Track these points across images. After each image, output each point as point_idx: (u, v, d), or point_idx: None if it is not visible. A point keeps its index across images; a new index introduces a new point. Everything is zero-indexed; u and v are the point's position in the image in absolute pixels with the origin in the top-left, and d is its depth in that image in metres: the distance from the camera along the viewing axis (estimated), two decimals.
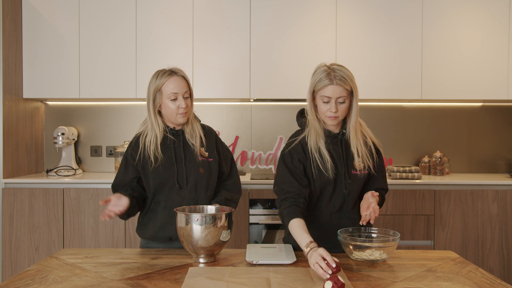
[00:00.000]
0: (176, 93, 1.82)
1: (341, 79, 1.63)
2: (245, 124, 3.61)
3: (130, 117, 3.60)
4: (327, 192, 1.74)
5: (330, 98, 1.65)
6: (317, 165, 1.71)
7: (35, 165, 3.48)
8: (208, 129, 2.00)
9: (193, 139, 1.89)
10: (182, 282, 1.37)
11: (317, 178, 1.72)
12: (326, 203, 1.76)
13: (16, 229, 3.03)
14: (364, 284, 1.36)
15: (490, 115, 3.66)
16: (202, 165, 1.88)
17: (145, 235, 1.89)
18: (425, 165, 3.51)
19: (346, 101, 1.67)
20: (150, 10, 3.26)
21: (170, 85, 1.82)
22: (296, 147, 1.75)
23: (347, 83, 1.64)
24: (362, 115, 3.60)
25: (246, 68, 3.27)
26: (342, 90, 1.64)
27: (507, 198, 3.08)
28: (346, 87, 1.65)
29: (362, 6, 3.29)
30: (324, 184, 1.72)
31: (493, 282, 1.38)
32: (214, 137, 1.98)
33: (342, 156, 1.73)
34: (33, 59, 3.27)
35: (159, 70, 1.87)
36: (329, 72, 1.65)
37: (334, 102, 1.65)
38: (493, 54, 3.31)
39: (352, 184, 1.73)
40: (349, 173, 1.73)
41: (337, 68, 1.66)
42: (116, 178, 1.92)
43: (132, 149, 1.90)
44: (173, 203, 1.85)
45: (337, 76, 1.64)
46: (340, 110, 1.67)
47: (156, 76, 1.85)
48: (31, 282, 1.37)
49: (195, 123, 1.94)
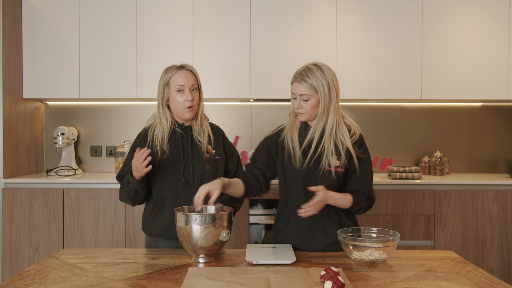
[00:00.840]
0: (183, 85, 1.85)
1: (306, 79, 1.70)
2: (245, 124, 3.62)
3: (130, 117, 3.60)
4: (298, 183, 1.78)
5: (295, 94, 1.75)
6: (288, 155, 1.79)
7: (35, 165, 3.48)
8: (216, 128, 2.02)
9: (201, 137, 1.90)
10: (182, 282, 1.37)
11: (286, 167, 1.80)
12: (298, 196, 1.77)
13: (16, 229, 3.03)
14: (364, 284, 1.36)
15: (490, 115, 3.66)
16: (209, 162, 1.89)
17: (153, 232, 1.89)
18: (425, 165, 3.51)
19: (311, 99, 1.72)
20: (150, 10, 3.26)
21: (177, 77, 1.86)
22: (273, 135, 1.87)
23: (312, 84, 1.70)
24: (362, 115, 3.61)
25: (246, 68, 3.27)
26: (304, 88, 1.71)
27: (507, 198, 3.08)
28: (308, 86, 1.70)
29: (362, 6, 3.29)
30: (293, 174, 1.78)
31: (493, 282, 1.38)
32: (222, 136, 2.00)
33: (314, 151, 1.76)
34: (33, 59, 3.27)
35: (169, 66, 1.91)
36: (302, 70, 1.74)
37: (298, 99, 1.74)
38: (493, 54, 3.31)
39: (323, 179, 1.74)
40: (320, 168, 1.75)
41: (313, 67, 1.72)
42: (122, 169, 1.91)
43: (140, 141, 1.91)
44: (181, 199, 1.85)
45: (304, 76, 1.71)
46: (305, 107, 1.73)
47: (166, 71, 1.90)
48: (31, 282, 1.37)
49: (204, 121, 1.95)
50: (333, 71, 1.76)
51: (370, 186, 1.81)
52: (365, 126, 3.61)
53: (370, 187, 1.81)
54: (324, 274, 1.35)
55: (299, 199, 1.76)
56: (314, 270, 1.48)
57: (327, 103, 1.73)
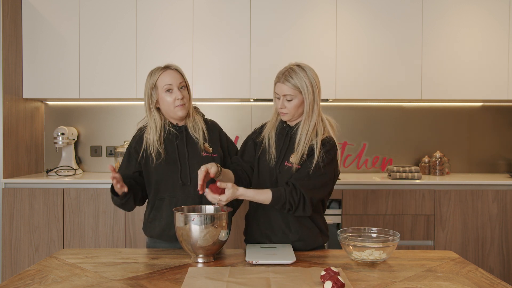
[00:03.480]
0: (171, 85, 1.83)
1: (289, 80, 1.72)
2: (245, 124, 3.61)
3: (130, 117, 3.60)
4: (265, 177, 1.82)
5: (278, 94, 1.76)
6: (263, 150, 1.84)
7: (35, 165, 3.48)
8: (211, 123, 1.99)
9: (197, 133, 1.89)
10: (182, 282, 1.37)
11: (260, 161, 1.85)
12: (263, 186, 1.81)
13: (16, 229, 3.03)
14: (364, 284, 1.36)
15: (490, 115, 3.66)
16: (206, 161, 1.87)
17: (152, 233, 1.89)
18: (425, 165, 3.51)
19: (294, 99, 1.74)
20: (150, 10, 3.26)
21: (164, 78, 1.84)
22: (257, 130, 1.94)
23: (295, 85, 1.72)
24: (362, 115, 3.61)
25: (246, 68, 3.27)
26: (288, 89, 1.72)
27: (507, 198, 3.08)
28: (292, 86, 1.72)
29: (362, 6, 3.29)
30: (263, 168, 1.83)
31: (493, 282, 1.38)
32: (218, 132, 1.98)
33: (283, 147, 1.81)
34: (33, 59, 3.27)
35: (153, 69, 1.89)
36: (285, 70, 1.75)
37: (281, 99, 1.75)
38: (493, 54, 3.31)
39: (280, 174, 1.78)
40: (281, 163, 1.78)
41: (295, 68, 1.75)
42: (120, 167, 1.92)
43: (136, 143, 1.90)
44: (178, 200, 1.84)
45: (287, 77, 1.73)
46: (288, 107, 1.75)
47: (151, 74, 1.88)
48: (31, 282, 1.37)
49: (196, 116, 1.94)
50: (315, 72, 1.78)
51: (305, 182, 1.68)
52: (365, 126, 3.63)
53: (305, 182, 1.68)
54: (324, 274, 1.35)
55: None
56: (314, 270, 1.48)
57: (311, 103, 1.74)
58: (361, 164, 3.62)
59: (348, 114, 3.62)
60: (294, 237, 1.77)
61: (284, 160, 1.78)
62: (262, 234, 1.81)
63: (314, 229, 1.79)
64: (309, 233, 1.78)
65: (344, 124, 3.57)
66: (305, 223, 1.78)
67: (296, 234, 1.76)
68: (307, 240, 1.77)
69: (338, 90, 3.29)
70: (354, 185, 3.06)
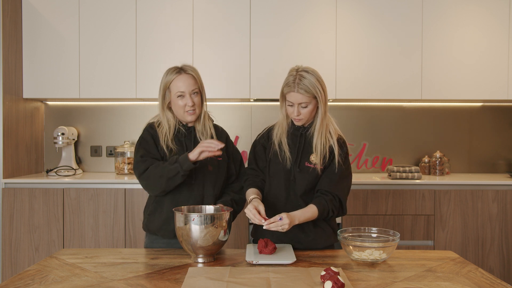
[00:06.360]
0: (183, 92, 1.86)
1: (303, 87, 1.73)
2: (245, 124, 3.62)
3: (130, 117, 3.59)
4: (279, 178, 1.84)
5: (292, 102, 1.77)
6: (275, 153, 1.85)
7: (35, 165, 3.48)
8: (221, 130, 2.04)
9: (204, 137, 1.91)
10: (182, 282, 1.37)
11: (272, 164, 1.86)
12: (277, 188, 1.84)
13: (16, 229, 3.03)
14: (364, 284, 1.36)
15: (490, 115, 3.66)
16: (211, 163, 1.89)
17: (151, 227, 1.89)
18: (425, 165, 3.51)
19: (309, 105, 1.77)
20: (150, 10, 3.26)
21: (177, 83, 1.86)
22: (264, 135, 1.94)
23: (310, 91, 1.73)
24: (362, 115, 3.61)
25: (246, 68, 3.27)
26: (302, 97, 1.74)
27: (507, 198, 3.08)
28: (306, 94, 1.74)
29: (362, 6, 3.29)
30: (276, 170, 1.85)
31: (493, 282, 1.38)
32: (225, 139, 2.01)
33: (299, 148, 1.83)
34: (33, 59, 3.27)
35: (170, 68, 1.91)
36: (295, 78, 1.75)
37: (296, 107, 1.77)
38: (493, 54, 3.31)
39: (301, 173, 1.81)
40: (300, 164, 1.81)
41: (304, 74, 1.75)
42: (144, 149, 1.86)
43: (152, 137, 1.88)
44: (181, 196, 1.86)
45: (300, 85, 1.73)
46: (303, 113, 1.77)
47: (166, 73, 1.90)
48: (31, 282, 1.37)
49: (207, 121, 1.96)
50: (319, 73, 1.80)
51: (338, 186, 1.80)
52: (365, 126, 3.62)
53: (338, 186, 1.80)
54: (324, 274, 1.35)
55: (279, 192, 1.83)
56: (314, 270, 1.48)
57: (324, 106, 1.79)
58: (361, 164, 3.62)
59: (348, 114, 3.62)
60: (307, 238, 1.80)
61: (303, 160, 1.82)
62: (273, 235, 1.79)
63: (327, 229, 1.84)
64: (323, 234, 1.82)
65: (344, 124, 3.57)
66: (320, 225, 1.82)
67: (308, 237, 1.80)
68: (318, 240, 1.81)
69: (338, 90, 3.29)
70: (354, 185, 3.06)
